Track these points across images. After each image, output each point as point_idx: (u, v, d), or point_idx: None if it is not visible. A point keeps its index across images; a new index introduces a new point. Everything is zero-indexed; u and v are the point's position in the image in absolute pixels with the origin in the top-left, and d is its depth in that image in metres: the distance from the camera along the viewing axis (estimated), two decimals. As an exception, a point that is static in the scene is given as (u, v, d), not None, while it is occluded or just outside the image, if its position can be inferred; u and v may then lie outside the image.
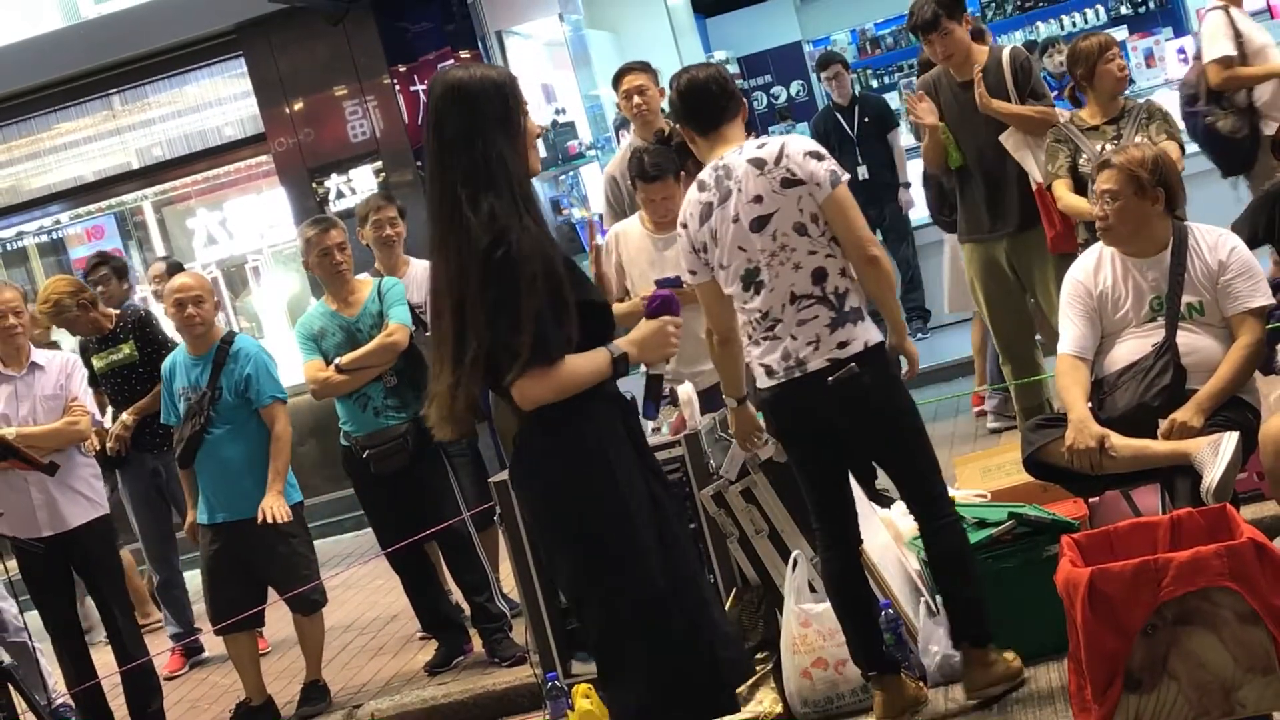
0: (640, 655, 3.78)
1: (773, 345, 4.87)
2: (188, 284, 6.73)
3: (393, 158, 10.73)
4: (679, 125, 5.10)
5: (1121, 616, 3.79)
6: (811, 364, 4.82)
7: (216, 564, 6.74)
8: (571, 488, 3.75)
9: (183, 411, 6.69)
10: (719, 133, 4.97)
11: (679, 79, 5.05)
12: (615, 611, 3.77)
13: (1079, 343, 5.40)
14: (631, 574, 3.75)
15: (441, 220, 3.74)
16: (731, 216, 4.85)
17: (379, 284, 6.84)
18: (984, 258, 7.24)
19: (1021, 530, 5.37)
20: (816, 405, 4.86)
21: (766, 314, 4.86)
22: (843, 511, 5.05)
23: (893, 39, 16.33)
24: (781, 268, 4.82)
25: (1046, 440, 5.33)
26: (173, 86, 11.48)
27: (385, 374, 6.70)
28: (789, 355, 4.85)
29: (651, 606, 3.75)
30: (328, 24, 10.62)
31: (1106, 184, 5.30)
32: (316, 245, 6.72)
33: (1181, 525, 4.14)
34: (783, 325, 4.84)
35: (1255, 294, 5.22)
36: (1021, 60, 7.04)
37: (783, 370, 4.86)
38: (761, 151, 4.86)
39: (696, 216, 4.91)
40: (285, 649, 7.38)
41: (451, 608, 7.07)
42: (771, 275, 4.83)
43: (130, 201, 11.93)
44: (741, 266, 4.86)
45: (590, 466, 3.75)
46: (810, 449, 4.99)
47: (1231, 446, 4.86)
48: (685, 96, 5.00)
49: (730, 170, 4.87)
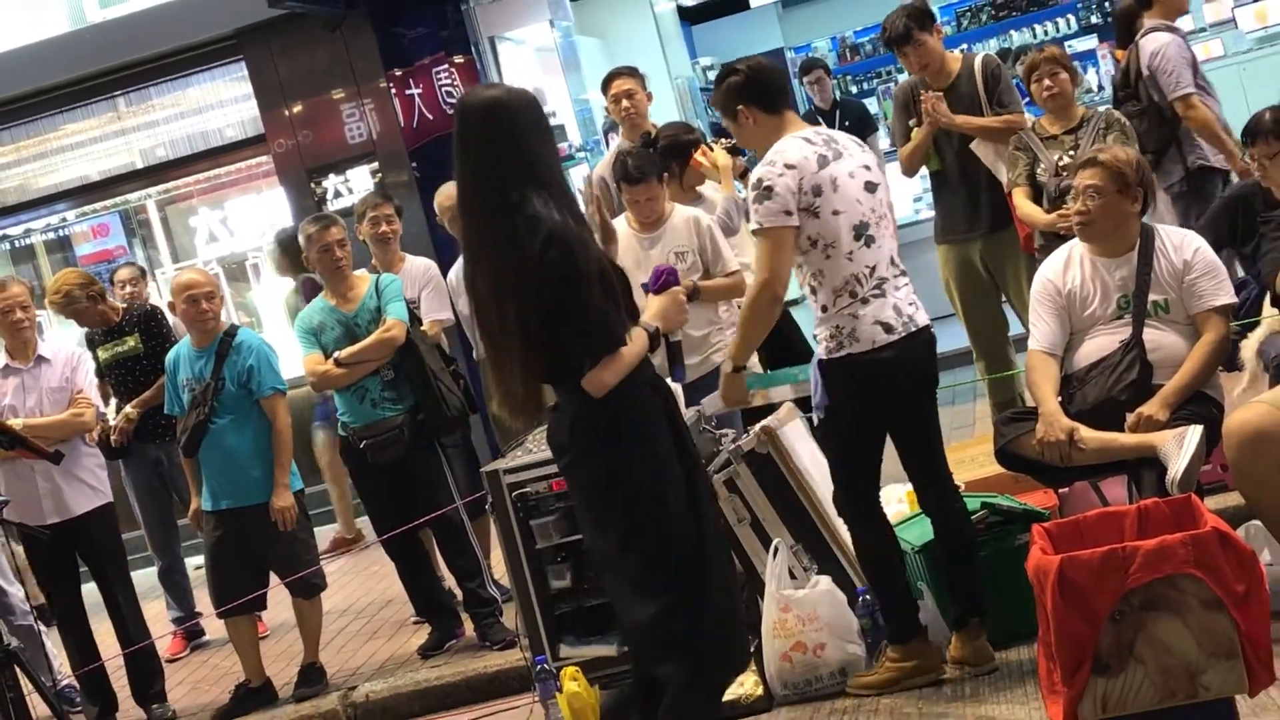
0: (676, 624, 3.93)
1: (883, 302, 4.90)
2: (199, 280, 6.73)
3: (388, 159, 10.71)
4: (740, 106, 5.03)
5: (1090, 603, 3.79)
6: (920, 319, 4.99)
7: (220, 549, 6.72)
8: (622, 466, 3.93)
9: (187, 402, 6.68)
10: (784, 115, 5.04)
11: (746, 63, 5.09)
12: (653, 582, 3.95)
13: (1049, 339, 5.40)
14: (667, 543, 3.93)
15: (481, 224, 3.89)
16: (847, 172, 4.91)
17: (376, 280, 6.83)
18: (959, 258, 7.26)
19: (994, 519, 5.39)
20: (925, 360, 5.03)
21: (874, 269, 4.90)
22: (933, 456, 5.16)
23: (871, 46, 16.36)
24: (885, 232, 4.97)
25: (1018, 433, 5.34)
26: (176, 89, 11.44)
27: (382, 367, 6.69)
28: (900, 311, 4.92)
29: (689, 573, 3.93)
30: (326, 29, 10.60)
31: (1091, 180, 5.30)
32: (317, 242, 6.70)
33: (1148, 515, 4.14)
34: (889, 284, 4.93)
35: (1219, 293, 5.23)
36: (992, 68, 7.06)
37: (900, 325, 4.91)
38: (853, 138, 5.13)
39: (813, 160, 4.87)
40: (283, 633, 7.36)
41: (444, 593, 7.06)
42: (879, 234, 4.93)
43: (134, 200, 11.89)
44: (856, 217, 4.89)
45: (636, 449, 3.92)
46: (910, 403, 5.05)
47: (1196, 439, 4.87)
48: (756, 74, 5.03)
49: (833, 138, 5.01)
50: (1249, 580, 3.79)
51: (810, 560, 5.55)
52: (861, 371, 4.91)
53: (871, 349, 4.88)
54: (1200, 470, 4.92)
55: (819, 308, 4.95)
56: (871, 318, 4.88)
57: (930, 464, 5.17)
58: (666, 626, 3.93)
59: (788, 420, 5.84)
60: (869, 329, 4.88)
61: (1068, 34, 15.12)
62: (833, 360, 4.95)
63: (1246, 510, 4.94)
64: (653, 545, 3.94)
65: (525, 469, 5.64)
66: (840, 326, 4.91)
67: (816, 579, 5.41)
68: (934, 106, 6.92)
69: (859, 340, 4.89)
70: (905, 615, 5.11)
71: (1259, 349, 5.40)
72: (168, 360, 6.85)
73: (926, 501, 5.23)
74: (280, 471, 6.66)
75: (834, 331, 4.93)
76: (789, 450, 5.64)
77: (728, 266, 6.38)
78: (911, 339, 4.93)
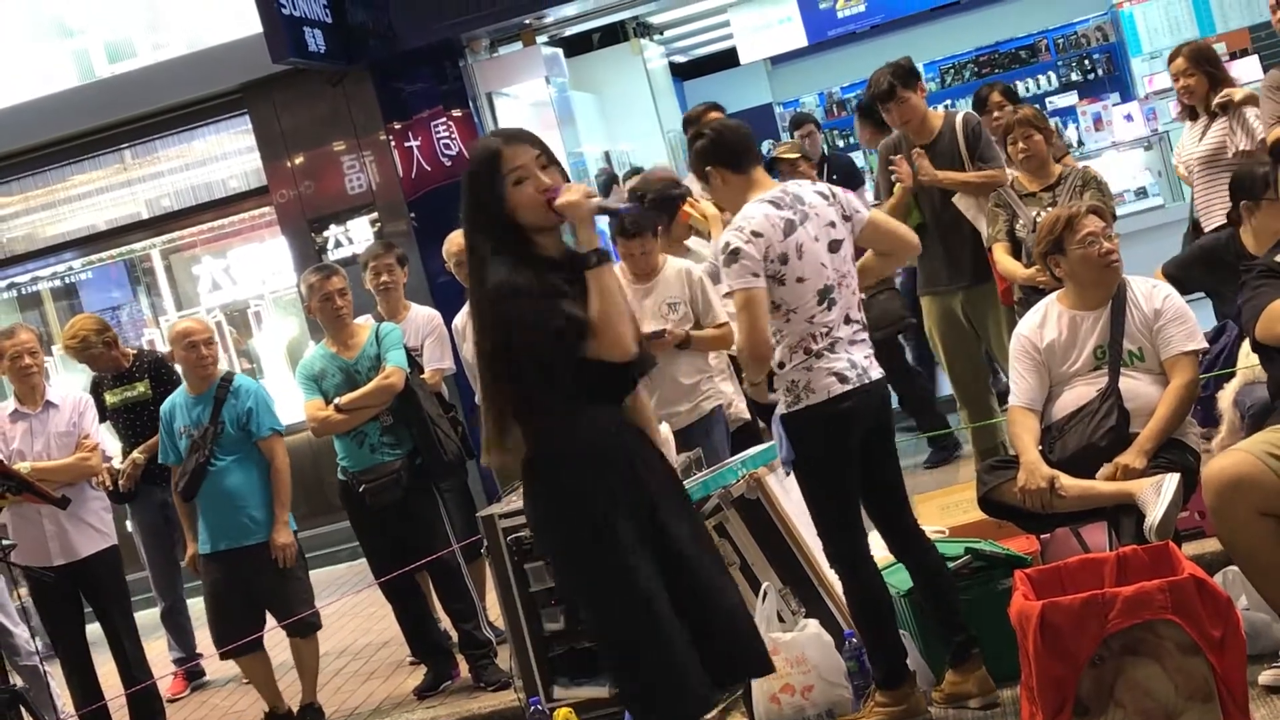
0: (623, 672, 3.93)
1: (836, 356, 4.92)
2: (196, 328, 6.78)
3: (388, 209, 10.75)
4: (709, 168, 5.07)
5: (1071, 647, 3.80)
6: (874, 373, 4.99)
7: (219, 590, 6.73)
8: (554, 511, 3.96)
9: (185, 448, 6.70)
10: (751, 175, 5.05)
11: (712, 126, 5.12)
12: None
13: (1028, 395, 5.42)
14: (600, 592, 3.90)
15: (470, 278, 3.97)
16: (813, 236, 4.91)
17: (376, 329, 6.86)
18: (941, 309, 7.30)
19: (977, 564, 5.39)
20: (878, 412, 5.04)
21: (830, 329, 4.92)
22: (895, 503, 5.17)
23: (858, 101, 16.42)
24: (845, 290, 4.98)
25: (1000, 480, 5.35)
26: (181, 142, 11.49)
27: (381, 413, 6.71)
28: (854, 364, 4.93)
29: (629, 623, 3.86)
30: (328, 84, 10.66)
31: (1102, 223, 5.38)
32: (319, 291, 6.73)
33: (1127, 561, 4.16)
34: (842, 342, 4.93)
35: (1188, 339, 5.27)
36: (973, 125, 7.12)
37: (854, 376, 4.91)
38: (818, 187, 5.10)
39: (780, 229, 4.87)
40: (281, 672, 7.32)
41: (440, 635, 7.05)
42: (840, 295, 4.95)
43: (140, 249, 11.91)
44: (820, 282, 4.91)
45: (572, 495, 3.90)
46: (868, 452, 5.03)
47: (1173, 487, 4.88)
48: (721, 137, 5.06)
49: (800, 198, 4.98)
50: (1225, 625, 3.81)
51: (798, 604, 5.56)
52: (820, 422, 4.92)
53: (828, 399, 4.89)
54: (1178, 517, 4.93)
55: (776, 364, 4.98)
56: (825, 370, 4.89)
57: (894, 511, 5.17)
58: (618, 675, 3.95)
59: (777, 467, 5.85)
60: (824, 380, 4.89)
61: (1050, 90, 15.22)
62: (792, 414, 4.96)
63: (1224, 556, 4.95)
64: (587, 595, 3.93)
65: (520, 514, 5.64)
66: (795, 381, 4.93)
67: (805, 622, 5.41)
68: (917, 164, 6.98)
69: (814, 392, 4.91)
70: (894, 660, 5.09)
71: (1234, 399, 5.44)
72: (163, 411, 6.86)
73: (895, 547, 5.23)
74: (280, 509, 6.70)
75: (790, 386, 4.95)
76: (777, 496, 5.65)
77: (717, 318, 6.41)
78: (866, 391, 4.94)
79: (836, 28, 13.43)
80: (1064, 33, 15.71)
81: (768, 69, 16.89)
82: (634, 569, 3.84)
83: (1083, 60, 15.45)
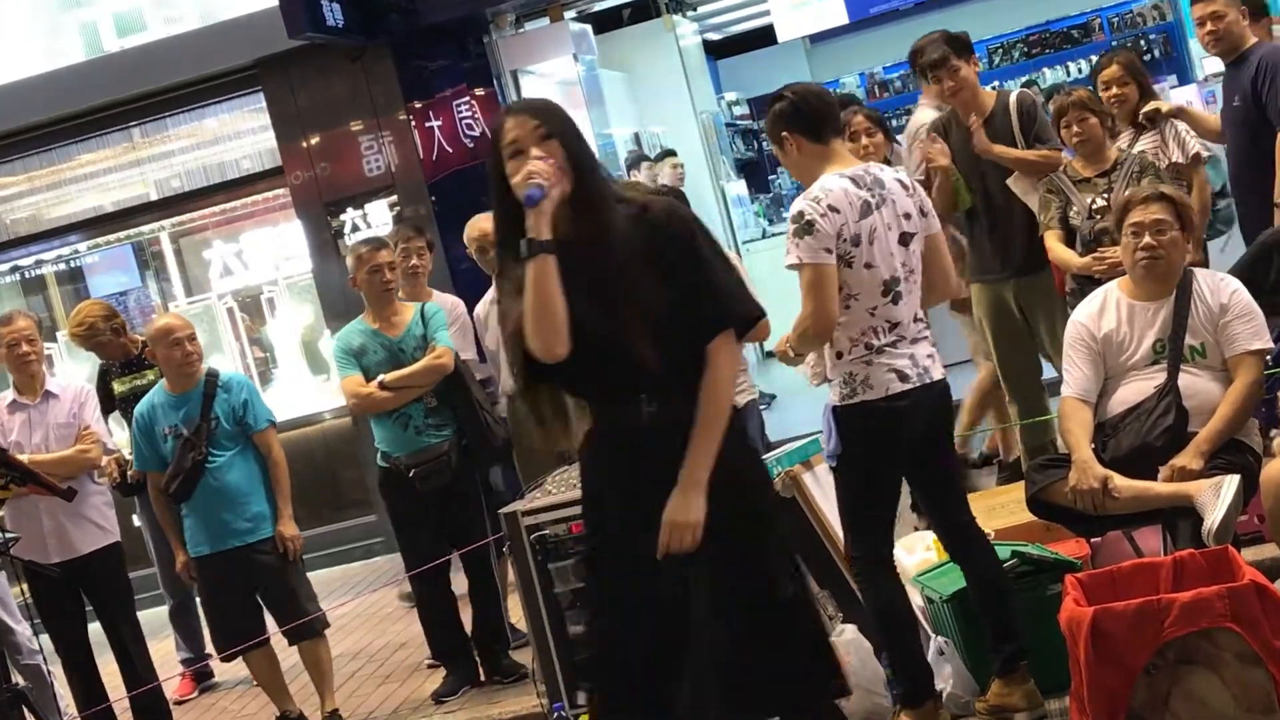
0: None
1: (899, 353, 4.89)
2: (178, 324, 6.76)
3: (407, 192, 10.76)
4: (785, 133, 5.00)
5: (1124, 655, 3.80)
6: (935, 373, 4.96)
7: (218, 590, 6.76)
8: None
9: (172, 449, 6.66)
10: (830, 145, 5.00)
11: (794, 89, 5.05)
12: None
13: (1082, 385, 5.41)
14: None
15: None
16: (886, 224, 4.89)
17: (421, 308, 6.90)
18: (992, 298, 7.26)
19: (1025, 569, 5.37)
20: (935, 412, 5.00)
21: (896, 325, 4.89)
22: (952, 503, 5.16)
23: (900, 82, 16.42)
24: (914, 285, 4.96)
25: (1050, 480, 5.34)
26: (192, 120, 11.52)
27: (425, 395, 6.75)
28: (916, 362, 4.91)
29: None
30: (346, 60, 10.68)
31: (1158, 214, 5.30)
32: (367, 262, 6.77)
33: (1184, 566, 4.15)
34: (906, 339, 4.91)
35: (1254, 337, 5.25)
36: (1027, 105, 7.08)
37: (915, 375, 4.89)
38: (900, 175, 5.05)
39: (856, 209, 4.83)
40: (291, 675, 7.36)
41: (465, 637, 7.07)
42: (907, 290, 4.92)
43: (148, 232, 11.95)
44: (887, 273, 4.87)
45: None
46: (924, 453, 5.02)
47: (1233, 489, 4.86)
48: (804, 100, 4.99)
49: (881, 181, 4.95)
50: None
51: (836, 609, 5.56)
52: (875, 419, 4.89)
53: (886, 396, 4.87)
54: (1237, 521, 4.92)
55: (834, 353, 4.95)
56: (885, 366, 4.87)
57: (951, 511, 5.16)
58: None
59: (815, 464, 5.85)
60: (883, 376, 4.87)
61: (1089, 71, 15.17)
62: (847, 407, 4.94)
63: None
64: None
65: (544, 510, 5.66)
66: (853, 374, 4.91)
67: (842, 628, 5.41)
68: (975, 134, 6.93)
69: (873, 387, 4.89)
70: (918, 677, 5.06)
71: (1299, 398, 5.42)
72: (139, 414, 6.79)
73: (952, 548, 5.24)
74: (284, 502, 6.72)
75: (847, 378, 4.92)
76: (814, 495, 5.65)
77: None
78: (926, 389, 4.92)
79: (879, 5, 13.37)
80: (1118, 11, 15.66)
81: (806, 48, 16.86)
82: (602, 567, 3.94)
83: (1138, 40, 15.38)
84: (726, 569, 3.79)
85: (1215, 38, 7.09)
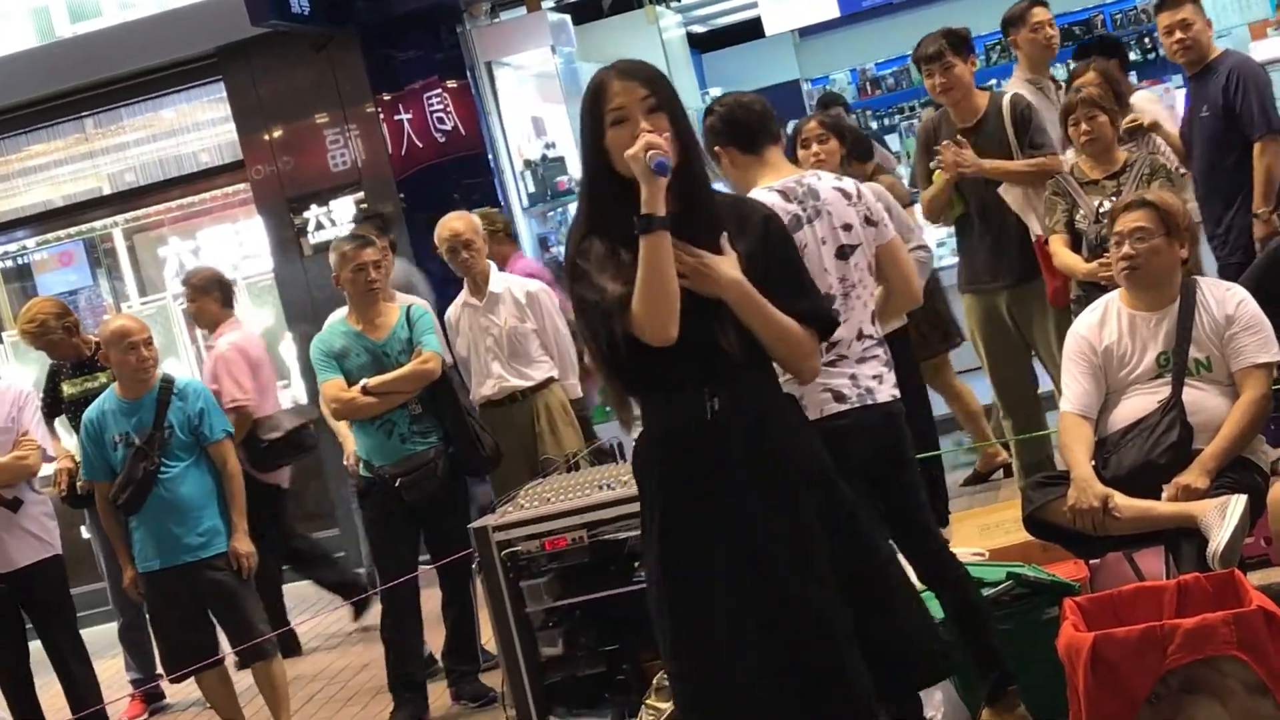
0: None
1: (837, 373, 4.85)
2: (134, 327, 6.71)
3: (375, 189, 10.73)
4: (717, 148, 5.02)
5: (1126, 683, 3.79)
6: (880, 395, 4.88)
7: (170, 609, 6.70)
8: None
9: (122, 459, 6.61)
10: (763, 155, 4.98)
11: (723, 102, 5.07)
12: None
13: (1082, 400, 5.40)
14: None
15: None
16: (820, 238, 4.86)
17: (407, 310, 6.88)
18: (984, 308, 7.27)
19: (1020, 591, 5.35)
20: (881, 436, 4.90)
21: (835, 344, 4.84)
22: (915, 530, 5.07)
23: (894, 80, 16.46)
24: (856, 301, 4.90)
25: (1048, 499, 5.32)
26: (148, 110, 11.49)
27: (410, 401, 6.73)
28: (858, 383, 4.87)
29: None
30: (312, 49, 10.65)
31: (1138, 221, 5.29)
32: (351, 260, 6.74)
33: (1188, 591, 4.14)
34: (848, 359, 4.87)
35: (1262, 349, 5.24)
36: (1022, 108, 7.08)
37: (855, 396, 4.85)
38: (841, 183, 4.99)
39: (786, 221, 4.71)
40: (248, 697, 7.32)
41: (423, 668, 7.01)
42: (846, 307, 4.87)
43: (100, 229, 11.90)
44: (821, 289, 4.81)
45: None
46: (877, 479, 4.95)
47: (1239, 510, 4.85)
48: (731, 113, 4.99)
49: (815, 191, 4.90)
50: (1296, 663, 3.79)
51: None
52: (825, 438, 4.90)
53: (821, 417, 4.80)
54: (1243, 543, 4.91)
55: None
56: (821, 386, 4.79)
57: (916, 539, 5.10)
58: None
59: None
60: (818, 397, 4.81)
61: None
62: None
63: (1292, 587, 4.94)
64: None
65: (517, 525, 5.63)
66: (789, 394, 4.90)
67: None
68: (956, 156, 6.93)
69: (806, 409, 4.83)
70: None
71: (1308, 414, 5.42)
72: (87, 420, 6.74)
73: (924, 577, 5.20)
74: (238, 516, 6.67)
75: None
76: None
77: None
78: (868, 410, 4.86)
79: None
80: (1122, 8, 15.72)
81: (795, 42, 16.90)
82: (677, 571, 3.81)
83: (1142, 38, 15.43)
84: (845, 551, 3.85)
85: (1184, 47, 7.15)
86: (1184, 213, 5.39)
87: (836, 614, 3.76)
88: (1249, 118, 6.99)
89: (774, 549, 3.75)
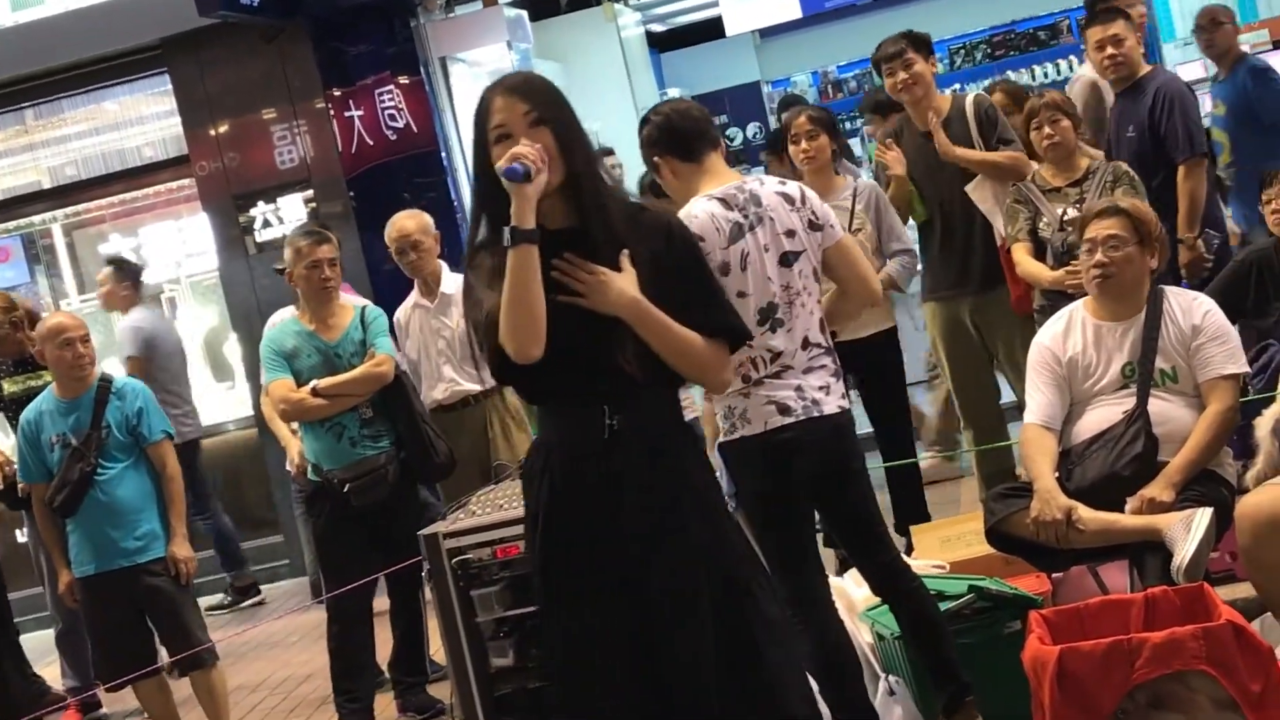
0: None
1: (781, 384, 4.83)
2: (70, 324, 6.67)
3: (324, 187, 10.67)
4: (656, 158, 5.03)
5: (1092, 698, 3.79)
6: (826, 407, 4.86)
7: (107, 615, 6.64)
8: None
9: (59, 459, 6.56)
10: (703, 163, 4.96)
11: (659, 110, 5.07)
12: None
13: (1046, 411, 5.41)
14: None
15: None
16: (762, 245, 4.83)
17: (362, 311, 6.82)
18: (947, 317, 7.28)
19: (982, 605, 5.36)
20: (828, 449, 4.88)
21: (779, 355, 4.83)
22: (868, 541, 5.09)
23: (855, 83, 16.50)
24: (801, 309, 4.87)
25: (1010, 510, 5.33)
26: (90, 102, 11.42)
27: (361, 405, 6.67)
28: (804, 394, 4.84)
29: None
30: (261, 41, 10.58)
31: (1111, 229, 5.31)
32: (306, 257, 6.67)
33: (1156, 604, 4.15)
34: (793, 370, 4.85)
35: (1228, 360, 5.26)
36: (985, 107, 7.10)
37: (800, 408, 4.83)
38: (784, 188, 4.95)
39: (724, 234, 4.79)
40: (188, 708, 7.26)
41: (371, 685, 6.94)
42: (790, 316, 4.85)
43: (39, 223, 11.83)
44: (764, 299, 4.82)
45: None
46: (825, 491, 4.97)
47: (1205, 523, 4.86)
48: (668, 121, 4.99)
49: (757, 197, 4.87)
50: (1266, 679, 3.81)
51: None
52: (757, 454, 4.86)
53: (765, 430, 4.82)
54: (1209, 557, 4.92)
55: None
56: (765, 398, 4.82)
57: (868, 551, 5.11)
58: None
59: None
60: (762, 409, 4.82)
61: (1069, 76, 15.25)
62: (729, 443, 4.92)
63: (1258, 602, 4.95)
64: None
65: (468, 533, 5.59)
66: (732, 408, 4.87)
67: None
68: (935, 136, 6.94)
69: (750, 421, 4.85)
70: None
71: (1274, 427, 5.42)
72: (25, 421, 6.70)
73: (877, 589, 5.20)
74: (178, 520, 6.63)
75: (727, 413, 4.90)
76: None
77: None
78: (815, 423, 4.85)
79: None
80: (1088, 12, 15.76)
81: (756, 43, 16.92)
82: (553, 588, 3.90)
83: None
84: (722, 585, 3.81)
85: (1115, 63, 7.13)
86: (1156, 221, 5.41)
87: (706, 653, 3.76)
88: (1174, 140, 6.93)
89: (659, 579, 3.76)
